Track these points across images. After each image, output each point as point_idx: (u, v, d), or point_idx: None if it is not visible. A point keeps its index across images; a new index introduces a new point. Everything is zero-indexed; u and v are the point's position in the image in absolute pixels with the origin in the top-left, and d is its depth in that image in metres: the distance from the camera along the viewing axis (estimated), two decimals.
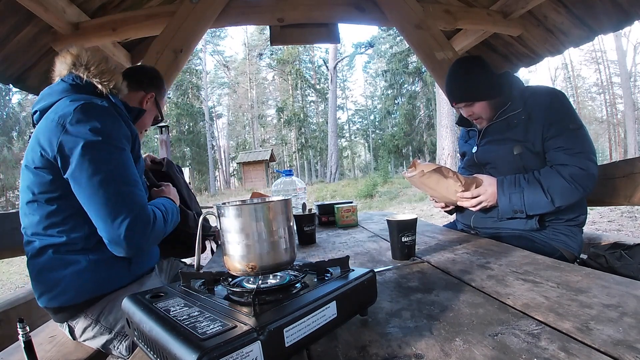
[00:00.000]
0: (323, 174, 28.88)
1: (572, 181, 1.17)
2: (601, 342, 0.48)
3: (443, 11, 2.26)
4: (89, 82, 1.02)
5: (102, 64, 1.05)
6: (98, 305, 1.00)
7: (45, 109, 0.99)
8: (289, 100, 30.08)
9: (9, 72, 2.01)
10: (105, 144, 0.92)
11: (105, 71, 1.05)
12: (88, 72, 1.03)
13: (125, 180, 0.94)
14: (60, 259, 0.96)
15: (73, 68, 1.04)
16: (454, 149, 11.93)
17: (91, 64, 1.03)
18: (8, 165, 19.86)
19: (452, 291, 0.73)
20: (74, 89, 1.01)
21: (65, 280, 0.96)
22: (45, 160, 0.92)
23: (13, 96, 21.90)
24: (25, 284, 4.96)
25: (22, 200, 1.00)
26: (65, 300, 0.97)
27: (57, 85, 1.03)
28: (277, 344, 0.45)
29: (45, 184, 0.94)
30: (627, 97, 20.17)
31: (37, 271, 0.98)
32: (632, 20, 1.93)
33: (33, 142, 0.96)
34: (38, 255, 0.97)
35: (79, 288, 0.97)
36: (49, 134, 0.92)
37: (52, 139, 0.91)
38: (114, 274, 1.01)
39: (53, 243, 0.96)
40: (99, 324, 1.00)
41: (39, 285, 0.98)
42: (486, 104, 1.35)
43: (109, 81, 1.04)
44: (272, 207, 0.59)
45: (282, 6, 2.16)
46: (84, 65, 1.03)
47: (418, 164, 1.29)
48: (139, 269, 1.08)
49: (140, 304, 0.54)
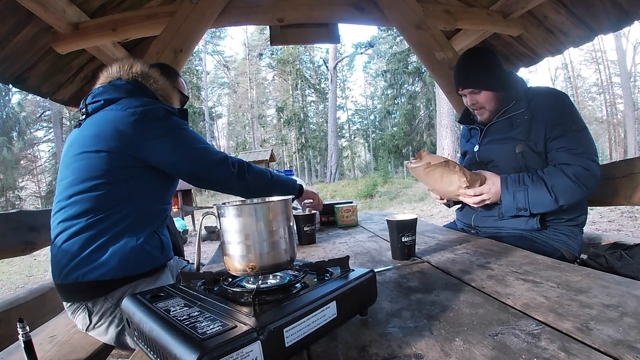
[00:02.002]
0: (323, 174, 28.89)
1: (576, 180, 1.17)
2: (601, 342, 0.48)
3: (443, 11, 2.26)
4: (153, 93, 1.18)
5: (165, 84, 1.23)
6: (119, 290, 1.04)
7: (111, 101, 1.10)
8: (289, 100, 30.07)
9: (9, 72, 2.01)
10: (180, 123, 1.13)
11: (167, 89, 1.23)
12: (156, 85, 1.19)
13: (204, 139, 1.17)
14: (106, 237, 1.02)
15: (140, 77, 1.17)
16: (454, 149, 11.94)
17: (159, 82, 1.21)
18: (8, 166, 19.85)
19: (452, 291, 0.73)
20: (139, 93, 1.14)
21: (108, 256, 1.01)
22: (123, 146, 1.03)
23: (13, 96, 21.92)
24: (25, 284, 4.97)
25: (69, 181, 1.06)
26: (105, 273, 1.01)
27: (123, 85, 1.14)
28: (277, 344, 0.45)
29: (106, 168, 1.03)
30: (627, 97, 20.18)
31: (74, 247, 1.01)
32: (632, 20, 1.93)
33: (105, 128, 1.05)
34: (80, 232, 1.02)
35: (121, 263, 1.02)
36: (123, 120, 1.04)
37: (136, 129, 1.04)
38: (151, 255, 1.09)
39: (101, 221, 1.02)
40: (116, 310, 1.04)
41: (72, 259, 1.01)
42: (492, 95, 1.35)
43: (170, 98, 1.24)
44: (272, 207, 0.60)
45: (282, 6, 2.16)
46: (152, 78, 1.20)
47: (425, 155, 1.28)
48: (169, 252, 1.19)
49: (140, 304, 0.54)
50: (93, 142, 1.05)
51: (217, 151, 1.19)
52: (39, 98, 11.15)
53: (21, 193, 22.05)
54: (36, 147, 24.59)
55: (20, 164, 22.12)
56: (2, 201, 20.14)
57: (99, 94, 1.13)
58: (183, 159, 1.11)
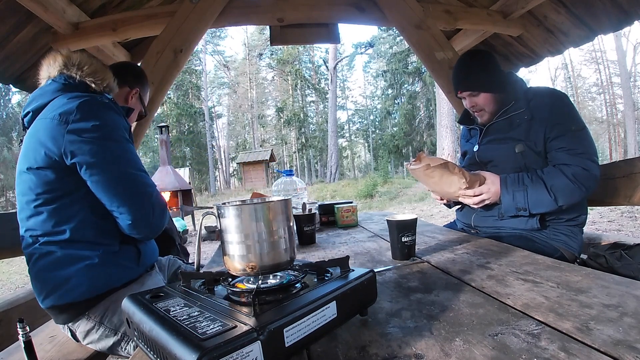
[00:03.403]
0: (323, 174, 28.88)
1: (575, 181, 1.17)
2: (601, 342, 0.48)
3: (443, 11, 2.26)
4: (82, 81, 1.03)
5: (94, 63, 1.06)
6: (101, 305, 0.99)
7: (39, 109, 0.99)
8: (289, 100, 30.07)
9: (9, 72, 2.01)
10: (114, 137, 0.96)
11: (98, 70, 1.06)
12: (81, 72, 1.03)
13: (139, 167, 1.00)
14: (69, 255, 0.95)
15: (64, 69, 1.03)
16: (454, 149, 11.94)
17: (84, 64, 1.04)
18: (8, 166, 19.85)
19: (452, 291, 0.73)
20: (67, 88, 1.01)
21: (76, 276, 0.95)
22: (50, 159, 0.92)
23: (13, 96, 21.93)
24: (25, 284, 4.96)
25: (21, 203, 0.99)
26: (77, 295, 0.96)
27: (48, 85, 1.02)
28: (277, 344, 0.45)
29: (50, 182, 0.93)
30: (627, 97, 20.18)
31: (44, 271, 0.96)
32: (632, 20, 1.93)
33: (32, 143, 0.94)
34: (44, 256, 0.96)
35: (91, 282, 0.96)
36: (52, 132, 0.91)
37: (56, 137, 0.90)
38: (124, 267, 1.02)
39: (60, 240, 0.95)
40: (102, 325, 0.99)
41: (45, 284, 0.97)
42: (490, 96, 1.35)
43: (102, 80, 1.06)
44: (272, 207, 0.60)
45: (282, 6, 2.16)
46: (76, 65, 1.04)
47: (424, 157, 1.29)
48: (148, 260, 1.11)
49: (140, 304, 0.54)
50: (23, 160, 0.96)
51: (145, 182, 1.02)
52: None
53: None
54: None
55: None
56: (2, 201, 20.13)
57: (27, 105, 1.02)
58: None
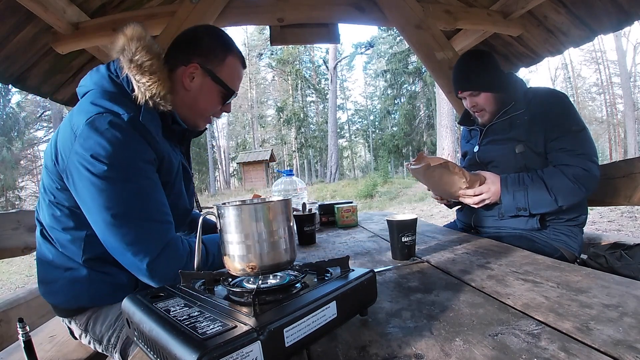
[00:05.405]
0: (323, 174, 28.88)
1: (576, 181, 1.17)
2: (601, 342, 0.48)
3: (443, 11, 2.26)
4: (125, 79, 0.85)
5: (153, 60, 0.83)
6: (84, 315, 0.96)
7: (82, 95, 0.89)
8: (289, 100, 30.05)
9: (8, 72, 2.01)
10: (118, 172, 0.77)
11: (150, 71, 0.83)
12: (130, 66, 0.83)
13: (144, 216, 0.80)
14: (64, 258, 0.91)
15: (120, 54, 0.85)
16: (454, 149, 11.94)
17: (138, 56, 0.82)
18: (8, 166, 19.85)
19: (452, 291, 0.73)
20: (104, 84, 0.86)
21: (61, 282, 0.91)
22: (57, 168, 0.84)
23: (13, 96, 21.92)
24: (25, 284, 4.97)
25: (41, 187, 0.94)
26: (58, 301, 0.95)
27: (95, 72, 0.88)
28: (277, 344, 0.45)
29: (55, 190, 0.87)
30: (627, 97, 20.17)
31: (43, 260, 0.95)
32: (632, 20, 1.93)
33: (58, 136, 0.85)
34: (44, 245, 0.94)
35: (72, 295, 0.92)
36: (66, 140, 0.81)
37: (66, 147, 0.80)
38: (112, 290, 0.92)
39: (60, 240, 0.92)
40: (87, 333, 0.96)
41: (40, 273, 0.97)
42: (491, 96, 1.35)
43: (148, 88, 0.83)
44: (272, 207, 0.59)
45: (282, 6, 2.16)
46: (130, 56, 0.83)
47: (424, 157, 1.30)
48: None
49: (140, 304, 0.54)
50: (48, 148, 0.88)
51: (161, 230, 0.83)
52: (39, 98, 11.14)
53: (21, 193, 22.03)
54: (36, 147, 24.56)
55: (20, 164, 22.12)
56: (2, 201, 20.13)
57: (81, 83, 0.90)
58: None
